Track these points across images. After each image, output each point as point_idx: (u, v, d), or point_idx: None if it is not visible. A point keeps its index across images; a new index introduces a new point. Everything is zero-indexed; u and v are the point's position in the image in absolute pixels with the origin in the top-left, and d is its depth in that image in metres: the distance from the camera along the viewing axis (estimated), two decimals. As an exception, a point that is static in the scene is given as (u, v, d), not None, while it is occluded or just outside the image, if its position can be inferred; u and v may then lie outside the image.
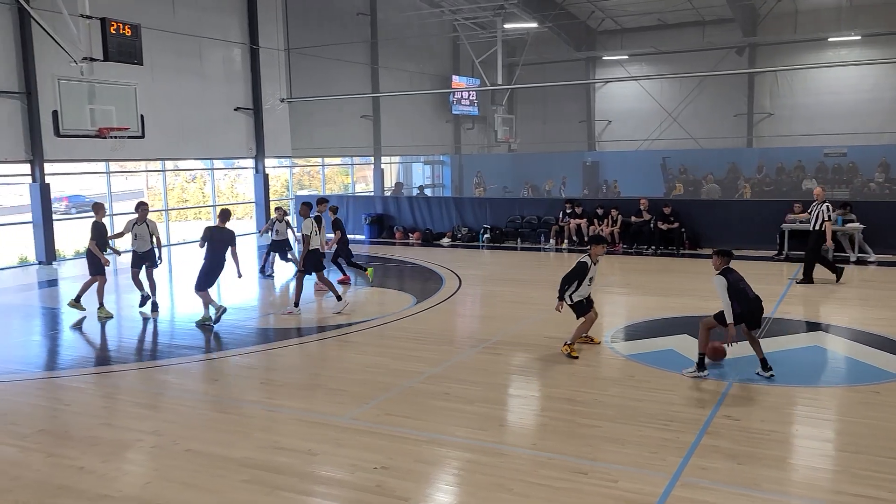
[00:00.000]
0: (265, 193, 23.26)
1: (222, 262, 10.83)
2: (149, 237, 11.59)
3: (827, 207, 12.98)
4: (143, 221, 11.55)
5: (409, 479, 5.54)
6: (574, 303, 8.82)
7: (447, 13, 29.20)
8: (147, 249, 11.62)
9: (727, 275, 7.71)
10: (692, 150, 30.01)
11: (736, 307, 7.59)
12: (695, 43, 30.01)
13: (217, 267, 10.84)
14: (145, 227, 11.56)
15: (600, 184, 30.47)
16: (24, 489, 5.48)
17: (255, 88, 22.58)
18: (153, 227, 11.67)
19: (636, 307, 11.79)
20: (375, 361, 8.77)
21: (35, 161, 16.81)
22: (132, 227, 11.52)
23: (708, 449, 5.97)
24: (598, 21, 32.50)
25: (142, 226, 11.54)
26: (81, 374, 8.59)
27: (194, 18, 20.40)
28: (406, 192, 30.36)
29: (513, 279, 14.75)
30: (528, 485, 5.40)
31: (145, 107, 14.05)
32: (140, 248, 11.61)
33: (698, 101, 31.38)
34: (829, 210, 12.99)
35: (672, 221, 17.33)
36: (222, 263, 10.83)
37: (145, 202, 11.96)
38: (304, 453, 6.03)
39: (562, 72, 32.46)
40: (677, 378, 7.83)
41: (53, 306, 12.83)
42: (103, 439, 6.42)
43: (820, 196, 13.30)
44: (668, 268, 15.53)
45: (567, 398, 7.30)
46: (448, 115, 32.51)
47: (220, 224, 10.88)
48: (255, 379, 8.27)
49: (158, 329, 10.93)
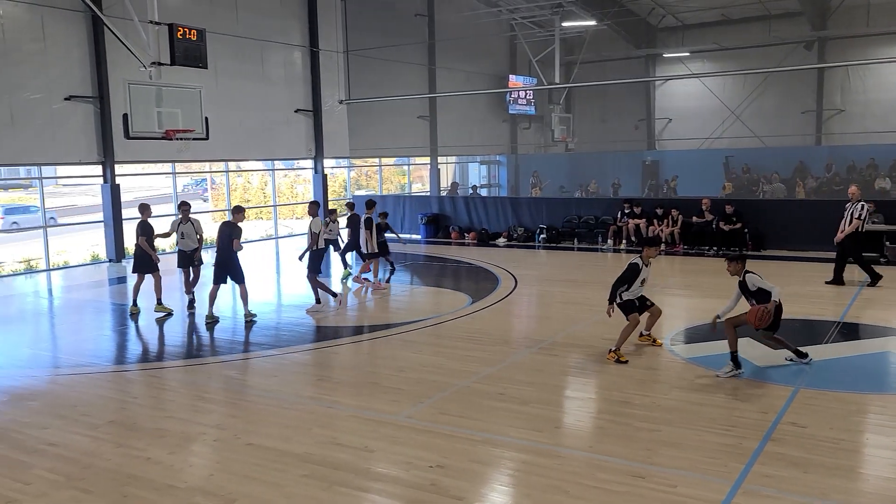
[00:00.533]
0: (324, 193, 23.65)
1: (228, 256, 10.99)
2: (195, 235, 11.89)
3: (861, 206, 12.60)
4: (187, 220, 11.85)
5: (464, 479, 5.55)
6: (623, 301, 8.72)
7: (504, 12, 29.12)
8: (194, 248, 11.92)
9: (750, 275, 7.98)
10: (756, 149, 29.17)
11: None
12: (760, 38, 29.13)
13: (225, 261, 11.00)
14: (191, 225, 11.87)
15: (660, 183, 29.89)
16: (96, 477, 5.71)
17: (315, 90, 22.97)
18: (198, 226, 11.98)
19: (696, 309, 11.52)
20: (431, 360, 8.82)
21: (106, 162, 17.50)
22: (177, 226, 11.83)
23: (772, 456, 5.80)
24: (658, 18, 31.92)
25: (187, 224, 11.84)
26: (148, 369, 8.90)
27: (256, 23, 20.88)
28: (462, 192, 30.40)
29: (569, 280, 14.61)
30: (584, 487, 5.34)
31: (209, 109, 14.44)
32: (187, 246, 11.88)
33: (763, 98, 30.48)
34: (863, 209, 12.58)
35: (734, 222, 16.87)
36: (230, 257, 10.98)
37: (187, 202, 12.32)
38: (360, 450, 6.11)
39: (620, 70, 32.00)
40: (740, 382, 7.63)
41: (122, 302, 13.31)
42: (169, 431, 6.64)
43: (855, 195, 12.92)
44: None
45: (624, 401, 7.20)
46: (504, 115, 32.42)
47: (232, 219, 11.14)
48: (313, 376, 8.41)
49: (221, 326, 11.22)
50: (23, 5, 15.84)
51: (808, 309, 11.23)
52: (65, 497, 5.39)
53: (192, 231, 11.88)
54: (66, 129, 16.73)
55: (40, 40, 16.14)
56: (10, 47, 15.62)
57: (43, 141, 16.30)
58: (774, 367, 8.17)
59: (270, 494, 5.36)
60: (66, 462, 6.01)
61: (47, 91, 16.30)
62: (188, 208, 12.07)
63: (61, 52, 16.54)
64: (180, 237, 11.86)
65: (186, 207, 12.06)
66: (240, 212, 11.15)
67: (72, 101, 16.74)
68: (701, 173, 27.83)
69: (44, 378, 8.55)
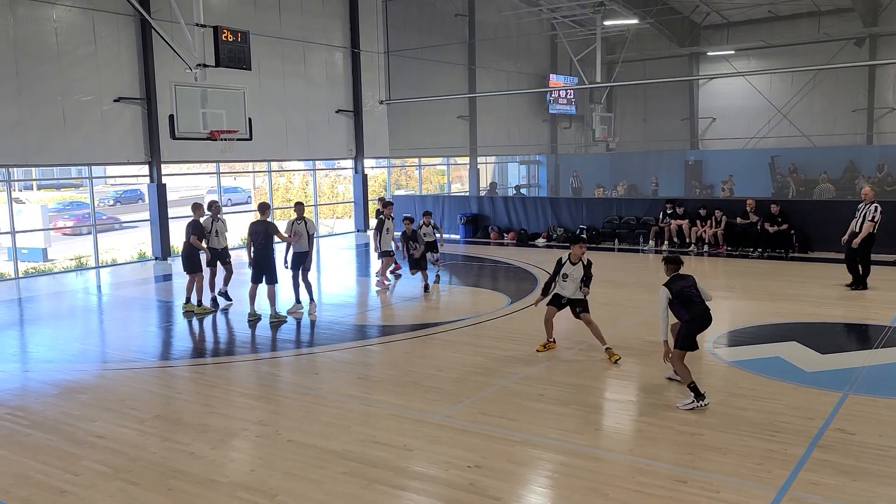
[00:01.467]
0: (364, 193, 23.84)
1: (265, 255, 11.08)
2: (225, 234, 12.21)
3: (875, 207, 12.26)
4: (217, 219, 12.10)
5: (502, 479, 5.54)
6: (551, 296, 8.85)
7: (545, 12, 28.97)
8: (224, 247, 12.18)
9: (672, 284, 7.09)
10: (804, 148, 28.47)
11: (683, 315, 7.03)
12: (809, 35, 28.42)
13: (261, 260, 11.09)
14: (222, 223, 12.15)
15: (705, 183, 29.37)
16: (143, 470, 5.85)
17: (356, 91, 23.17)
18: (226, 224, 12.29)
19: (740, 312, 11.31)
20: (470, 360, 8.82)
21: (153, 162, 17.92)
22: (211, 224, 12.06)
23: (819, 463, 5.66)
24: (702, 15, 31.36)
25: (218, 222, 12.10)
26: (193, 365, 9.08)
27: (299, 24, 21.15)
28: (502, 192, 30.33)
29: (609, 281, 14.44)
30: (624, 491, 5.29)
31: (252, 110, 14.68)
32: (218, 244, 12.11)
33: (811, 97, 29.74)
34: (877, 211, 12.23)
35: (780, 223, 16.50)
36: (267, 256, 11.07)
37: (216, 201, 12.55)
38: (399, 448, 6.14)
39: (663, 68, 31.56)
40: (786, 387, 7.47)
41: (167, 299, 13.62)
42: (212, 427, 6.77)
43: (869, 196, 12.58)
44: (776, 271, 14.80)
45: (666, 404, 7.10)
46: (545, 115, 32.25)
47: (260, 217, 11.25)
48: (353, 374, 8.49)
49: (262, 324, 11.39)
50: (76, 10, 16.31)
51: (858, 313, 10.94)
52: (113, 488, 5.54)
53: (224, 229, 12.20)
54: (115, 129, 17.18)
55: (91, 44, 16.60)
56: (64, 51, 16.10)
57: (93, 141, 16.77)
58: (822, 372, 7.97)
59: (311, 491, 5.43)
60: (114, 454, 6.18)
61: (98, 93, 16.76)
62: (218, 207, 12.33)
63: (111, 55, 16.98)
64: (214, 235, 12.10)
65: (217, 206, 12.32)
66: (266, 209, 11.35)
67: (120, 103, 17.18)
68: (746, 173, 27.30)
69: (93, 372, 8.79)
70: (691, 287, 7.15)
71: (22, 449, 6.35)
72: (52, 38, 15.93)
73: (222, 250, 12.23)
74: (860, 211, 12.59)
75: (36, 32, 15.66)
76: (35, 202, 27.63)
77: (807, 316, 10.71)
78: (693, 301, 7.07)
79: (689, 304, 7.03)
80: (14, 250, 16.43)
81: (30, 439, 6.57)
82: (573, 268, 8.80)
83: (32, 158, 16.14)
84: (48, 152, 16.10)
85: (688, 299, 7.05)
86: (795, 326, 9.96)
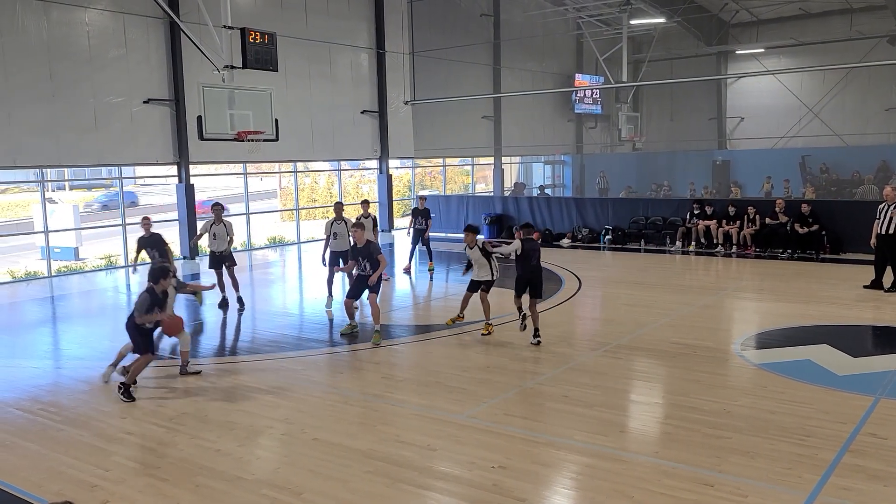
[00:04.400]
0: (388, 193, 23.91)
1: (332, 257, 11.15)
2: (226, 237, 11.89)
3: None
4: (219, 222, 11.88)
5: (527, 480, 5.53)
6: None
7: (571, 11, 28.82)
8: (224, 249, 11.88)
9: (524, 244, 9.48)
10: (835, 148, 27.98)
11: (518, 269, 9.48)
12: (840, 32, 27.94)
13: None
14: (223, 227, 11.89)
15: (733, 181, 28.92)
16: (171, 466, 5.93)
17: (381, 91, 23.25)
18: (230, 228, 12.00)
19: (769, 314, 11.16)
20: (494, 361, 8.81)
21: (181, 163, 18.15)
22: (210, 227, 11.87)
23: (850, 468, 5.56)
24: (731, 13, 30.98)
25: (219, 226, 11.87)
26: (220, 363, 9.18)
27: (325, 26, 21.28)
28: (525, 192, 30.22)
29: (635, 282, 14.34)
30: (649, 493, 5.24)
31: (279, 111, 14.80)
32: (218, 248, 11.90)
33: (843, 95, 29.22)
34: None
35: (811, 224, 16.23)
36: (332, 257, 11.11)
37: (220, 203, 12.32)
38: (423, 448, 6.15)
39: (691, 67, 31.20)
40: (816, 390, 7.35)
41: (194, 298, 13.75)
42: (239, 424, 6.84)
43: (890, 197, 12.37)
44: (806, 273, 14.57)
45: (692, 406, 7.02)
46: (570, 114, 32.08)
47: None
48: (378, 373, 8.52)
49: (289, 322, 11.48)
50: (107, 13, 16.57)
51: (890, 316, 10.73)
52: (142, 484, 5.62)
53: (224, 232, 11.88)
54: (145, 130, 17.43)
55: (122, 46, 16.86)
56: (95, 54, 16.37)
57: (123, 142, 17.02)
58: (853, 376, 7.83)
59: (335, 489, 5.46)
60: (143, 451, 6.27)
61: (128, 95, 17.01)
62: (221, 209, 12.10)
63: (141, 57, 17.23)
64: (212, 238, 11.85)
65: (219, 209, 12.09)
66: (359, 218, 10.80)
67: (150, 104, 17.42)
68: (775, 173, 26.88)
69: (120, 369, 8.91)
70: (536, 254, 9.62)
71: (54, 444, 6.47)
72: (85, 41, 16.20)
73: (220, 254, 11.89)
74: (882, 212, 12.43)
75: (69, 36, 15.94)
76: (67, 202, 28.15)
77: (838, 318, 10.53)
78: (530, 263, 9.51)
79: (526, 265, 9.47)
80: (47, 249, 16.75)
81: (62, 434, 6.70)
82: (471, 252, 10.17)
83: (65, 159, 16.42)
84: (80, 153, 16.38)
85: (527, 260, 9.48)
86: (826, 329, 9.80)
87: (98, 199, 33.53)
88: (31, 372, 8.87)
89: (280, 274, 17.62)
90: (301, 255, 19.89)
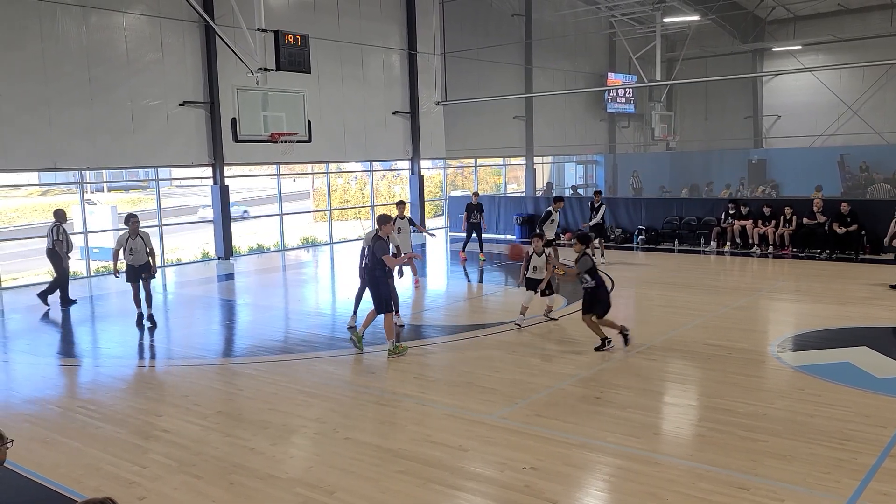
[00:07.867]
0: (420, 194, 23.97)
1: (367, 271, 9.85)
2: (144, 250, 11.32)
3: None
4: (135, 235, 11.28)
5: (558, 482, 5.50)
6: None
7: (604, 10, 28.60)
8: (143, 262, 11.34)
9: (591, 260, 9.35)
10: (875, 146, 27.33)
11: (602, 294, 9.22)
12: (880, 29, 27.29)
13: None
14: (140, 240, 11.31)
15: (769, 181, 28.40)
16: (206, 464, 6.02)
17: (413, 92, 23.32)
18: (147, 240, 11.41)
19: (806, 315, 10.94)
20: (526, 362, 8.78)
21: (216, 164, 18.41)
22: (125, 241, 11.27)
23: (891, 473, 5.43)
24: (767, 10, 30.47)
25: (136, 239, 11.28)
26: (254, 362, 9.30)
27: (357, 27, 21.41)
28: (558, 192, 30.06)
29: (669, 282, 14.17)
30: (683, 496, 5.18)
31: (312, 112, 14.94)
32: (136, 261, 11.32)
33: (884, 92, 28.53)
34: None
35: (849, 224, 15.87)
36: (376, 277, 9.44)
37: (135, 215, 11.56)
38: (455, 449, 6.16)
39: (726, 65, 30.74)
40: (854, 393, 7.19)
41: (230, 298, 13.97)
42: (272, 423, 6.92)
43: None
44: (844, 274, 14.25)
45: (727, 409, 6.92)
46: (602, 114, 31.83)
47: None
48: (410, 374, 8.54)
49: (320, 322, 11.57)
50: (144, 18, 16.89)
51: (934, 318, 10.45)
52: (177, 481, 5.72)
53: (142, 245, 11.31)
54: (180, 133, 17.72)
55: (158, 50, 17.17)
56: (133, 58, 16.69)
57: (159, 144, 17.33)
58: (894, 379, 7.64)
59: (367, 489, 5.49)
60: (179, 448, 6.37)
61: (164, 98, 17.32)
62: (137, 222, 11.42)
63: (177, 60, 17.53)
64: (128, 253, 11.25)
65: (135, 221, 11.39)
66: (386, 222, 9.42)
67: (185, 107, 17.71)
68: (812, 172, 26.35)
69: (159, 369, 9.09)
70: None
71: (93, 441, 6.61)
72: (122, 45, 16.53)
73: (139, 267, 11.31)
74: None
75: (107, 41, 16.28)
76: (105, 203, 28.74)
77: (878, 320, 10.28)
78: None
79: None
80: (86, 250, 17.12)
81: (100, 432, 6.84)
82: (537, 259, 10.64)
83: (103, 161, 16.77)
84: (118, 155, 16.72)
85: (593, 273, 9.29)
86: (866, 331, 9.58)
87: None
88: (71, 370, 9.08)
89: (312, 274, 17.78)
90: (333, 256, 20.04)
